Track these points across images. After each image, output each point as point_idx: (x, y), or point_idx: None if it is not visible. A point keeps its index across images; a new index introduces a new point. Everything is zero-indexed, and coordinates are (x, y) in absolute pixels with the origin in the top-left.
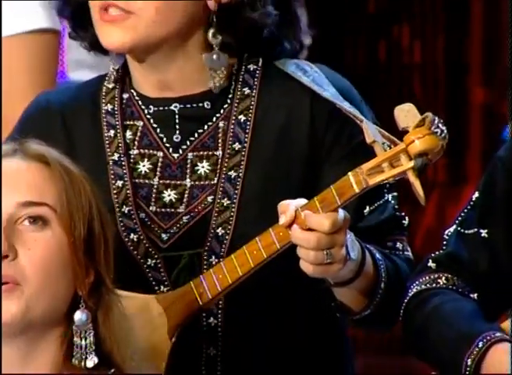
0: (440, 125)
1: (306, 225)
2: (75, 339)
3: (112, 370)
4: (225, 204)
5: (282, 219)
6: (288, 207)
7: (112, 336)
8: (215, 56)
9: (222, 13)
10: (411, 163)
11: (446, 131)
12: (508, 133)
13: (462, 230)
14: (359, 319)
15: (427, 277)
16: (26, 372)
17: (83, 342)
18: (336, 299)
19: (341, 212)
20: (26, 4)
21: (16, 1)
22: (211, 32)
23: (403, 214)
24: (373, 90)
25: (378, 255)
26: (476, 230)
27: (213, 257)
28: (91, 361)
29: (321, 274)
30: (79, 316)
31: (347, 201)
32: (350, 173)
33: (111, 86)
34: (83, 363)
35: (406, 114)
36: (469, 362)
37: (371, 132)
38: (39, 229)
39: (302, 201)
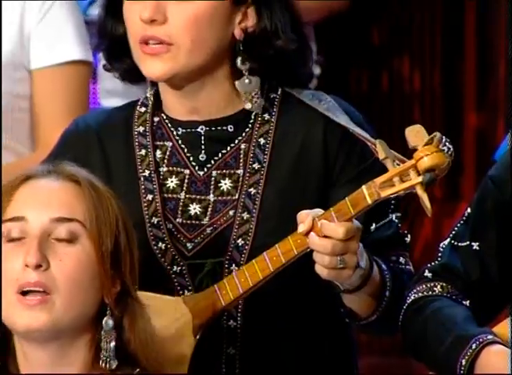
0: (447, 143)
1: (322, 233)
2: (102, 343)
3: (137, 370)
4: (245, 217)
5: (301, 228)
6: (306, 216)
7: (136, 339)
8: (246, 81)
9: (248, 41)
10: (420, 178)
11: (452, 149)
12: (498, 155)
13: (456, 243)
14: (365, 325)
15: (424, 286)
16: (57, 362)
17: (109, 345)
18: (345, 306)
19: (355, 222)
20: (61, 37)
21: (52, 35)
22: (239, 59)
23: (405, 232)
24: (377, 115)
25: (383, 266)
26: (468, 242)
27: (233, 265)
28: (115, 363)
29: (334, 278)
30: (106, 322)
31: (360, 211)
32: (363, 186)
33: (142, 110)
34: (108, 365)
35: (416, 134)
36: (464, 362)
37: (384, 150)
38: (70, 243)
39: (319, 211)
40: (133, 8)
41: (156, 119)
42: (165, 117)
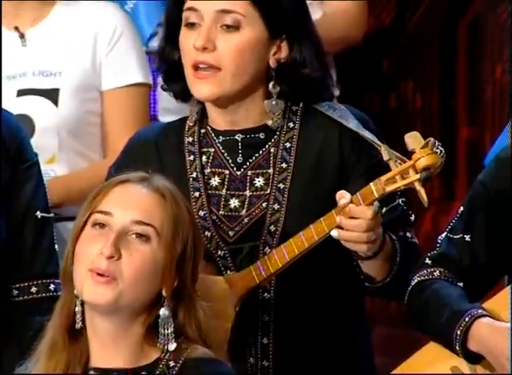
0: (440, 147)
1: (348, 216)
2: (160, 329)
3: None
4: (275, 208)
5: (344, 201)
6: (346, 194)
7: (190, 325)
8: (273, 102)
9: (280, 69)
10: (417, 176)
11: (444, 151)
12: (486, 161)
13: (451, 236)
14: (379, 289)
15: (425, 271)
16: (118, 344)
17: (166, 331)
18: (364, 273)
19: (375, 203)
20: (126, 64)
21: (119, 62)
22: (271, 84)
23: (410, 212)
24: (386, 129)
25: (394, 237)
26: (461, 235)
27: (267, 248)
28: (172, 346)
29: (371, 249)
30: (163, 311)
31: (370, 202)
32: (371, 183)
33: (191, 124)
34: (167, 347)
35: (413, 139)
36: (459, 332)
37: (387, 153)
38: (142, 243)
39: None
40: (188, 38)
41: (202, 130)
42: (210, 129)
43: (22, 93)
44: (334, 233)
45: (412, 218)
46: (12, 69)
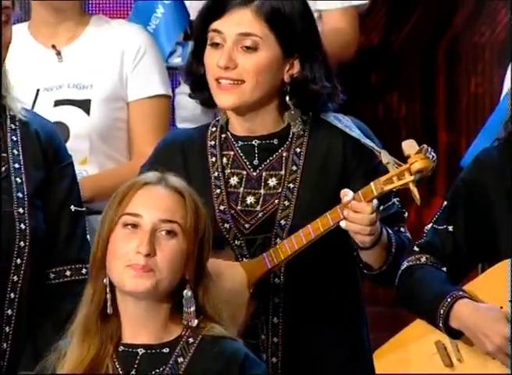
0: (432, 153)
1: (352, 210)
2: (184, 308)
3: (200, 317)
4: (286, 204)
5: (347, 198)
6: (348, 192)
7: (208, 303)
8: (293, 112)
9: (293, 84)
10: (412, 177)
11: (435, 157)
12: (464, 163)
13: (436, 226)
14: (376, 275)
15: (413, 257)
16: (148, 323)
17: (189, 310)
18: (362, 261)
19: (374, 201)
20: (149, 78)
21: (143, 76)
22: (287, 97)
23: (404, 210)
24: (375, 134)
25: (390, 231)
26: (445, 226)
27: (278, 239)
28: (195, 322)
29: (371, 241)
30: (186, 293)
31: (370, 200)
32: (371, 183)
33: (214, 129)
34: (190, 323)
35: (409, 146)
36: (442, 311)
37: (386, 157)
38: (170, 238)
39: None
40: (212, 56)
41: (223, 135)
42: (230, 135)
43: (58, 103)
44: (343, 224)
45: (405, 215)
46: (49, 82)
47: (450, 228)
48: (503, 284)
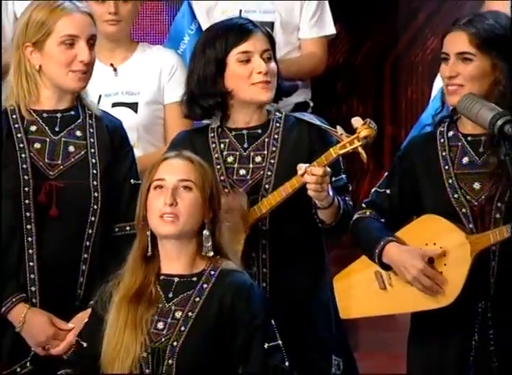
0: (373, 123)
1: (310, 173)
2: (204, 243)
3: (218, 256)
4: (268, 174)
5: (300, 171)
6: (301, 166)
7: (221, 240)
8: (274, 107)
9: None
10: (360, 142)
11: (376, 126)
12: (402, 147)
13: (378, 190)
14: (328, 229)
15: (361, 211)
16: (180, 257)
17: (207, 244)
18: (320, 218)
19: (327, 168)
20: (178, 88)
21: (175, 87)
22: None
23: (349, 184)
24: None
25: (339, 198)
26: (384, 190)
27: (263, 198)
28: (210, 253)
29: (319, 197)
30: (205, 232)
31: (330, 162)
32: (331, 149)
33: (213, 126)
34: (208, 253)
35: (356, 121)
36: (377, 251)
37: (340, 131)
38: (187, 192)
39: (307, 165)
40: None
41: (220, 129)
42: (225, 128)
43: (114, 105)
44: (305, 178)
45: (350, 188)
46: (108, 90)
47: (388, 191)
48: (423, 232)
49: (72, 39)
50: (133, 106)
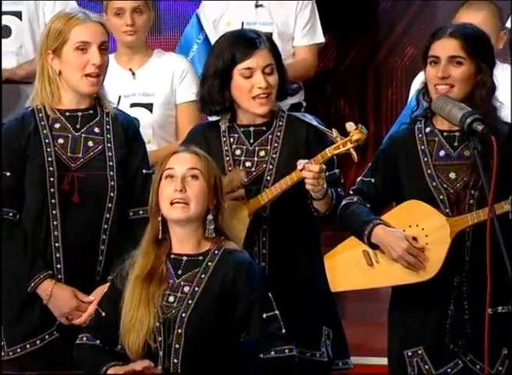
0: (364, 128)
1: (307, 169)
2: (207, 226)
3: (222, 238)
4: (270, 167)
5: (299, 166)
6: (301, 162)
7: (223, 224)
8: (278, 105)
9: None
10: (352, 145)
11: (366, 131)
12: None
13: (364, 179)
14: (322, 217)
15: (348, 198)
16: (188, 239)
17: (210, 227)
18: (315, 207)
19: (323, 166)
20: (189, 89)
21: (185, 88)
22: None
23: (341, 177)
24: (329, 127)
25: (332, 190)
26: (369, 179)
27: (265, 188)
28: (213, 234)
29: (316, 190)
30: (209, 217)
31: (325, 160)
32: (326, 149)
33: (224, 121)
34: (210, 235)
35: (350, 125)
36: (366, 232)
37: (335, 133)
38: (195, 180)
39: (306, 161)
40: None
41: (229, 125)
42: (235, 124)
43: (132, 105)
44: (303, 173)
45: (342, 181)
46: (127, 91)
47: (373, 180)
48: (407, 215)
49: (85, 45)
50: (149, 106)
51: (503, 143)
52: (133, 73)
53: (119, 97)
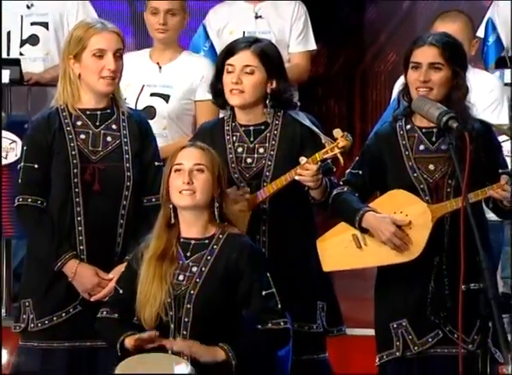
0: (349, 136)
1: (304, 168)
2: (215, 212)
3: (226, 223)
4: (269, 164)
5: (302, 161)
6: (303, 158)
7: (227, 211)
8: (269, 109)
9: (272, 93)
10: (339, 150)
11: (352, 139)
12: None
13: (352, 171)
14: (319, 204)
15: (339, 188)
16: (195, 224)
17: (216, 213)
18: (312, 196)
19: (319, 163)
20: (205, 88)
21: (203, 87)
22: (268, 99)
23: (333, 168)
24: (320, 124)
25: (326, 179)
26: (357, 171)
27: (264, 183)
28: (217, 219)
29: (315, 185)
30: (215, 204)
31: (317, 162)
32: (316, 154)
33: (228, 120)
34: (215, 219)
35: (337, 132)
36: (357, 218)
37: (324, 139)
38: (201, 173)
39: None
40: (227, 78)
41: (233, 124)
42: (237, 123)
43: (152, 95)
44: (297, 177)
45: (334, 170)
46: (150, 82)
47: (360, 172)
48: (392, 203)
49: (101, 52)
50: (166, 97)
51: (475, 138)
52: (160, 67)
53: (143, 86)
